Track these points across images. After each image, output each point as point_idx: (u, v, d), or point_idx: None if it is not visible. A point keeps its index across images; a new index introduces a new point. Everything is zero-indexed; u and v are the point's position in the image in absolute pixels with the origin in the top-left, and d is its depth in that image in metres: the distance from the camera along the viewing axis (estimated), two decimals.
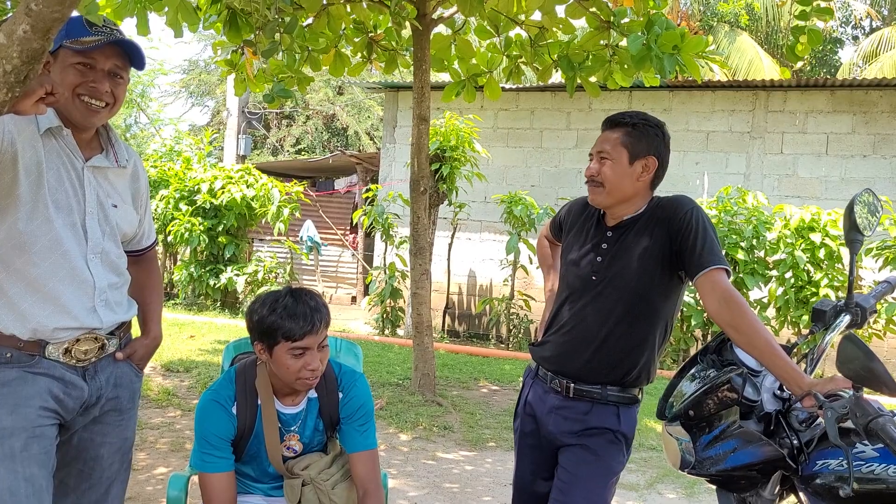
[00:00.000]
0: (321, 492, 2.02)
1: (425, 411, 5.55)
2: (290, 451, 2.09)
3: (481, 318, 9.79)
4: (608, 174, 2.11)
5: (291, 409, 2.08)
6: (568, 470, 2.14)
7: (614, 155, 2.11)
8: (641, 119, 2.13)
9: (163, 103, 28.46)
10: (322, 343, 1.96)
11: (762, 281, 7.77)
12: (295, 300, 1.94)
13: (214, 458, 1.98)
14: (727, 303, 1.90)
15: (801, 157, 8.69)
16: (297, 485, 2.04)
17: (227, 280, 9.96)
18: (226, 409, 2.01)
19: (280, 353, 1.93)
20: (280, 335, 1.91)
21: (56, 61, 1.82)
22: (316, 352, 1.94)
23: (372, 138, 21.93)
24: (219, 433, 1.99)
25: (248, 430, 2.03)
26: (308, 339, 1.92)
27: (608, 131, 2.15)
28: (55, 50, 1.81)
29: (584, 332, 2.14)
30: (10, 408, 1.76)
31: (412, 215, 5.85)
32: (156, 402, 5.33)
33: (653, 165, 2.12)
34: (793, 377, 1.75)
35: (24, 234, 1.77)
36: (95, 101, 1.84)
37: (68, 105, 1.83)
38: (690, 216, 2.04)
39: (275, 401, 2.05)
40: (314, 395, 2.10)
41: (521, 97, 9.75)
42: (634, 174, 2.11)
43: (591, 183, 2.16)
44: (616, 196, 2.13)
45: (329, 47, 4.96)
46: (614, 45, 4.46)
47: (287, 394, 2.06)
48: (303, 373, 1.93)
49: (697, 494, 4.20)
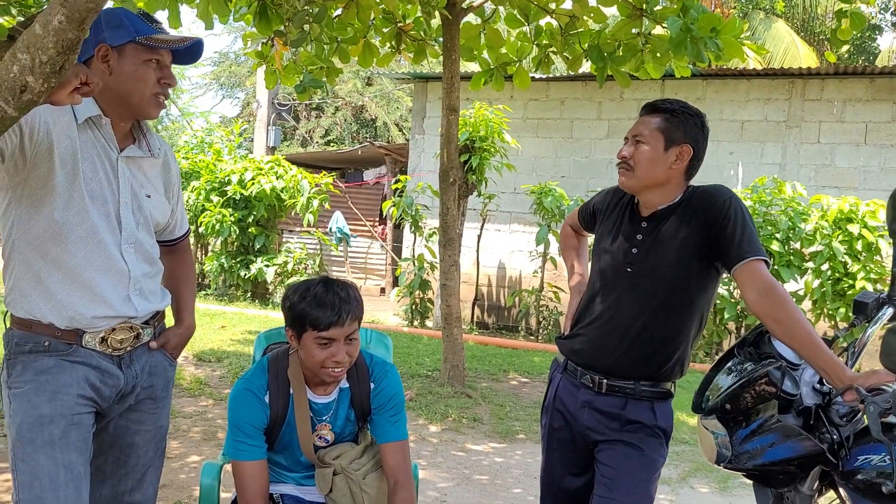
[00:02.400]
0: (352, 481, 2.02)
1: (455, 403, 5.55)
2: (321, 440, 2.09)
3: (511, 309, 9.76)
4: (640, 158, 2.07)
5: (323, 398, 2.08)
6: (611, 466, 2.09)
7: (650, 139, 2.07)
8: (682, 107, 2.10)
9: (193, 95, 28.73)
10: (351, 336, 1.94)
11: (798, 273, 7.64)
12: (325, 289, 1.93)
13: (247, 446, 1.99)
14: (767, 294, 1.86)
15: (838, 147, 8.52)
16: (328, 474, 2.04)
17: (257, 271, 10.05)
18: (258, 398, 2.02)
19: (307, 341, 1.93)
20: (307, 323, 1.91)
21: (122, 56, 1.82)
22: (342, 344, 1.93)
23: (401, 129, 21.95)
24: (252, 422, 2.00)
25: (280, 419, 2.04)
26: (334, 331, 1.90)
27: (647, 116, 2.12)
28: (121, 44, 1.81)
29: (617, 324, 2.10)
30: (50, 395, 1.79)
31: (441, 206, 5.84)
32: (188, 391, 5.39)
33: (687, 154, 2.07)
34: (834, 371, 1.71)
35: (60, 224, 1.79)
36: (164, 98, 1.90)
37: (142, 101, 1.85)
38: (728, 206, 1.99)
39: (307, 390, 2.06)
40: (346, 385, 2.10)
41: (551, 87, 9.67)
42: (668, 161, 2.06)
43: (621, 165, 2.12)
44: (646, 181, 2.08)
45: (358, 38, 4.95)
46: (646, 34, 4.39)
47: (318, 383, 2.06)
48: (327, 363, 1.93)
49: (731, 489, 4.15)
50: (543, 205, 8.57)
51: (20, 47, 1.31)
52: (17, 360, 1.83)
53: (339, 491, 2.03)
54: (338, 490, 2.03)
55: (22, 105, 1.35)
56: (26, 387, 1.80)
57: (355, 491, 2.02)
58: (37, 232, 1.80)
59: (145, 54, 1.83)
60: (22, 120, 1.58)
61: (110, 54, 1.82)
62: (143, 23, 1.84)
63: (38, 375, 1.80)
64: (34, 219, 1.80)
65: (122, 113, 1.88)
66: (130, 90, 1.84)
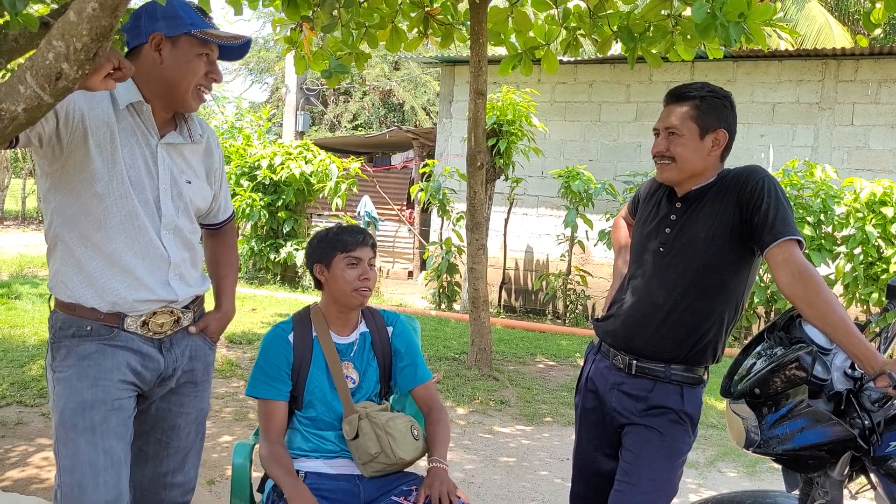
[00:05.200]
0: (377, 425, 2.11)
1: (482, 385, 5.58)
2: (349, 379, 2.19)
3: (538, 293, 9.75)
4: (679, 151, 2.04)
5: (345, 339, 2.23)
6: (631, 451, 2.10)
7: (683, 130, 2.04)
8: (709, 91, 2.06)
9: (224, 81, 28.84)
10: (371, 261, 2.19)
11: (829, 257, 7.52)
12: (344, 227, 2.23)
13: (265, 385, 2.14)
14: (801, 276, 1.83)
15: (872, 129, 8.35)
16: (354, 420, 2.13)
17: (286, 255, 10.14)
18: (283, 337, 2.19)
19: (337, 266, 2.15)
20: (337, 248, 2.15)
21: (175, 46, 1.86)
22: (367, 265, 2.16)
23: (428, 113, 21.90)
24: (275, 360, 2.15)
25: (306, 360, 2.17)
26: (360, 250, 2.15)
27: (674, 105, 2.08)
28: (176, 35, 1.85)
29: (649, 305, 2.10)
30: (91, 381, 1.82)
31: (469, 190, 5.84)
32: (220, 372, 5.48)
33: (723, 139, 2.05)
34: (866, 356, 1.70)
35: (100, 210, 1.83)
36: (207, 90, 1.94)
37: (183, 92, 1.89)
38: (763, 185, 1.97)
39: (329, 333, 2.21)
40: (365, 329, 2.27)
41: (579, 70, 9.59)
42: (705, 149, 2.05)
43: (660, 159, 2.09)
44: (687, 172, 2.07)
45: (385, 23, 4.94)
46: (676, 16, 4.32)
47: (340, 326, 2.23)
48: (357, 283, 2.14)
49: (759, 473, 4.13)
50: (571, 188, 8.53)
51: (55, 35, 1.33)
52: (60, 343, 1.87)
53: (365, 435, 2.10)
54: (364, 434, 2.10)
55: (57, 92, 1.37)
56: (69, 371, 1.84)
57: (380, 434, 2.10)
58: (77, 217, 1.83)
59: (198, 48, 1.87)
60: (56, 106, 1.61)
61: (164, 43, 1.85)
62: (199, 17, 1.87)
63: (81, 360, 1.84)
64: (74, 204, 1.83)
65: (165, 102, 1.91)
66: (178, 80, 1.87)
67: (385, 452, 2.10)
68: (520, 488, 3.77)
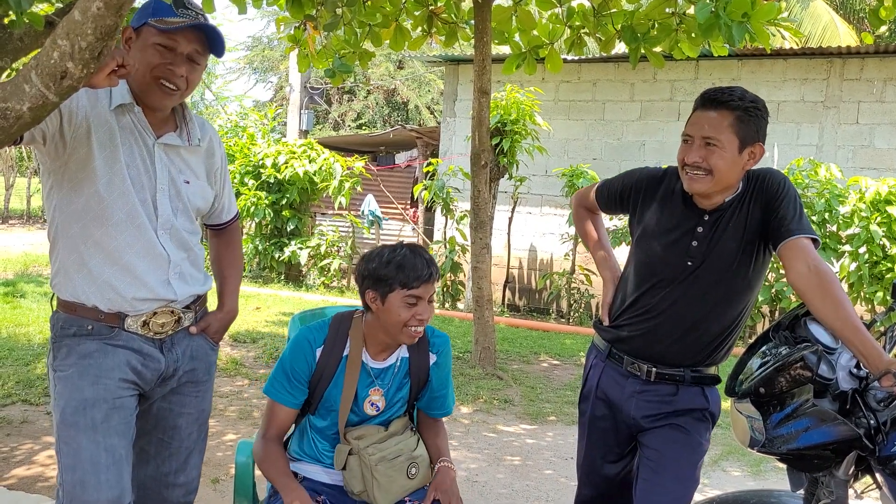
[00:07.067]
0: (364, 465, 2.01)
1: (486, 384, 5.58)
2: (373, 406, 2.09)
3: (541, 292, 9.74)
4: (719, 164, 1.92)
5: (381, 364, 2.10)
6: (656, 449, 2.08)
7: (724, 142, 1.92)
8: (751, 101, 1.95)
9: (227, 80, 28.92)
10: (431, 297, 2.01)
11: (834, 256, 7.50)
12: (412, 252, 1.99)
13: (282, 389, 2.05)
14: (816, 271, 1.83)
15: (878, 128, 8.32)
16: (344, 451, 2.04)
17: (290, 253, 10.16)
18: (311, 350, 2.05)
19: (393, 300, 1.96)
20: (397, 282, 1.95)
21: (138, 38, 1.81)
22: (426, 303, 1.99)
23: (432, 112, 21.90)
24: (296, 368, 2.04)
25: (327, 376, 2.05)
26: (423, 289, 1.96)
27: (713, 112, 1.95)
28: (139, 27, 1.81)
29: (676, 316, 2.06)
30: (92, 379, 1.82)
31: (472, 189, 5.84)
32: (224, 371, 5.48)
33: (760, 153, 1.97)
34: (872, 355, 1.69)
35: (101, 207, 1.83)
36: (169, 85, 1.83)
37: (143, 85, 1.83)
38: (784, 188, 1.98)
39: (364, 353, 2.08)
40: (406, 354, 2.12)
41: (582, 69, 9.57)
42: (742, 162, 1.96)
43: (692, 169, 1.96)
44: (721, 185, 1.98)
45: (389, 21, 4.94)
46: (681, 14, 4.32)
47: (379, 350, 2.09)
48: (412, 322, 1.97)
49: (763, 473, 4.12)
50: (575, 187, 8.52)
51: (60, 34, 1.34)
52: (62, 343, 1.87)
53: (351, 471, 2.03)
54: (350, 469, 2.03)
55: (62, 90, 1.37)
56: (70, 370, 1.84)
57: (366, 475, 2.01)
58: (79, 214, 1.83)
59: (155, 37, 1.79)
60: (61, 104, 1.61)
61: (132, 37, 1.81)
62: (165, 6, 1.79)
63: (82, 359, 1.84)
64: (76, 202, 1.83)
65: (140, 99, 1.86)
66: (140, 73, 1.81)
67: (368, 492, 2.01)
68: (524, 487, 3.77)
